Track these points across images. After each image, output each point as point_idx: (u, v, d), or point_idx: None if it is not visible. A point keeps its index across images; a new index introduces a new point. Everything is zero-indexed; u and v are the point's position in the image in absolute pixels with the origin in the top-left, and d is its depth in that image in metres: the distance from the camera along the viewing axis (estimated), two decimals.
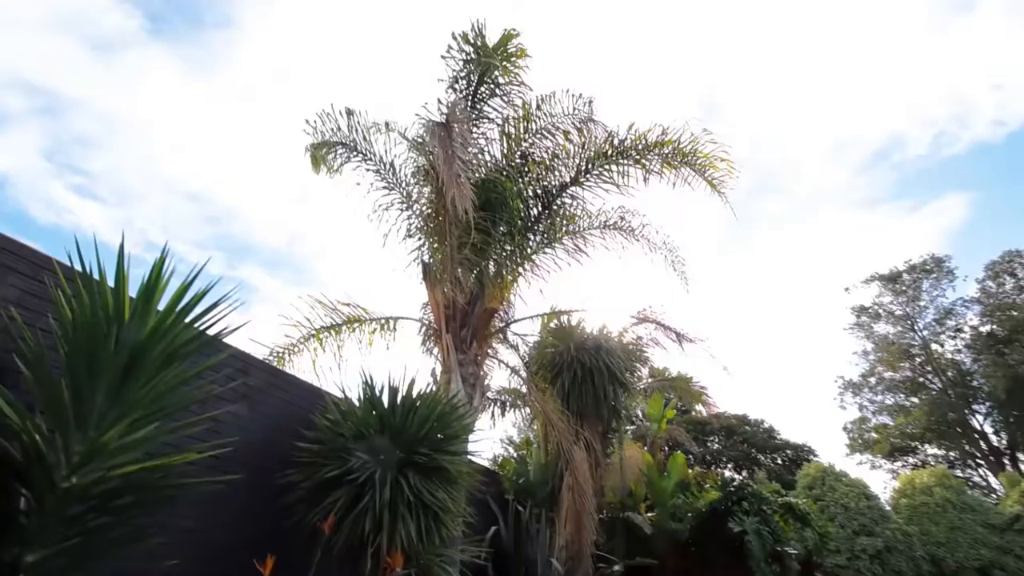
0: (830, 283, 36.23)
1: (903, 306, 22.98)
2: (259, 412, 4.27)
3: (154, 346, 2.53)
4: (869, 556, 12.22)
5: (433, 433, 4.39)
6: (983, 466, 19.57)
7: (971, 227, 29.14)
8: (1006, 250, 21.62)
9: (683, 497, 10.00)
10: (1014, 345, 18.18)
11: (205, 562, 3.27)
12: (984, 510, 13.21)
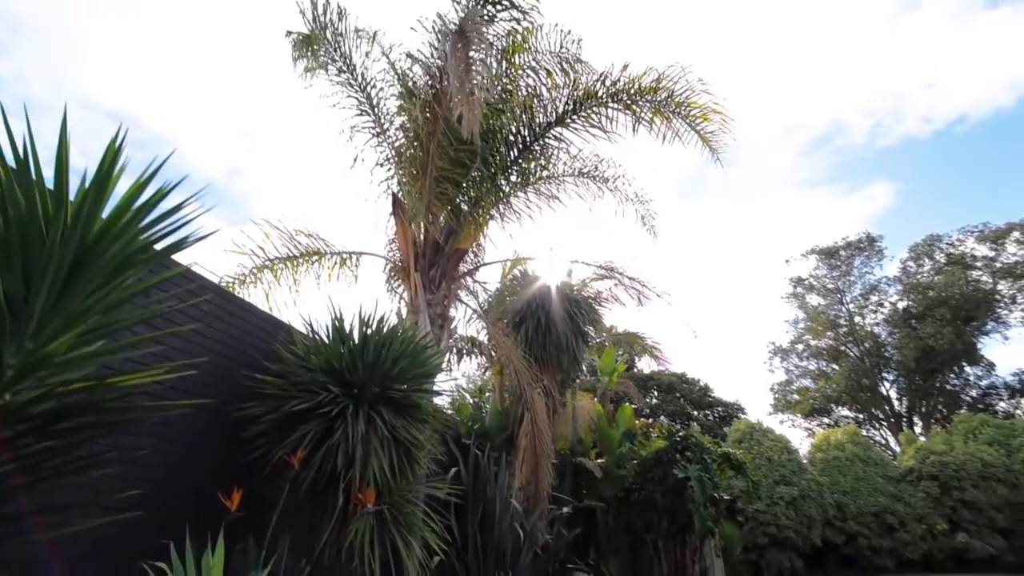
0: (771, 255, 38.22)
1: (835, 280, 24.59)
2: (213, 340, 3.90)
3: (105, 249, 2.13)
4: (785, 503, 13.48)
5: (407, 370, 4.19)
6: (884, 426, 21.86)
7: (894, 214, 31.36)
8: (928, 234, 23.42)
9: (630, 446, 10.43)
10: (926, 320, 19.99)
11: (160, 497, 2.98)
12: (884, 464, 14.79)
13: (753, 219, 33.75)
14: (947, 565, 12.53)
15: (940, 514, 13.20)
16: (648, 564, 9.41)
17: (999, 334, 20.24)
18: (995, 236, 21.41)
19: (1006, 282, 20.52)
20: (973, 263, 21.60)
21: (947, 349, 19.32)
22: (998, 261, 21.11)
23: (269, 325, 4.63)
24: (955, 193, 30.66)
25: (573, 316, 8.86)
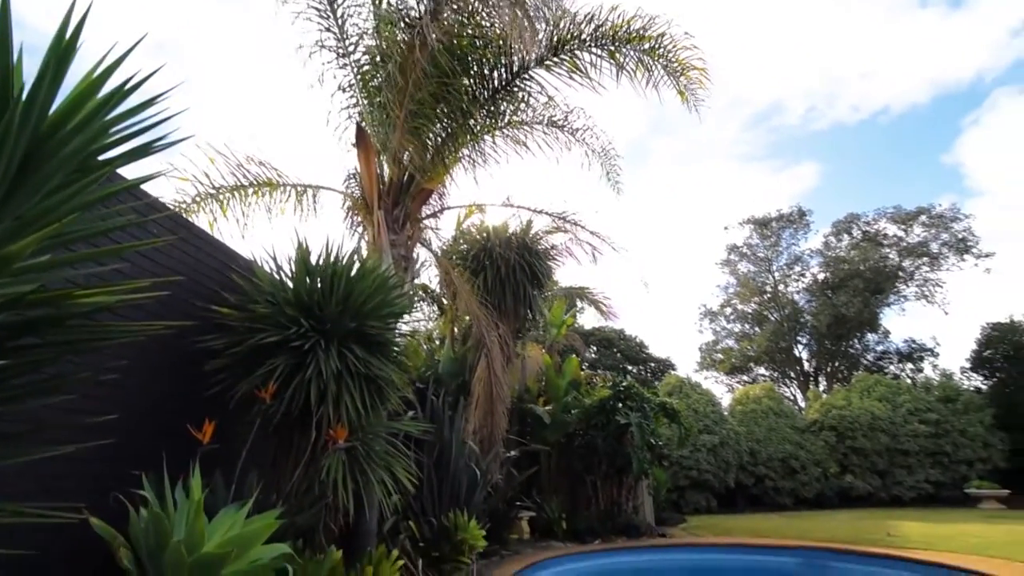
0: (709, 222, 39.91)
1: (766, 250, 26.20)
2: (164, 266, 3.58)
3: (62, 144, 1.85)
4: (707, 449, 14.71)
5: (380, 307, 4.06)
6: (795, 384, 24.20)
7: (817, 194, 33.56)
8: (848, 212, 25.34)
9: (575, 395, 10.87)
10: (840, 290, 21.94)
11: (125, 428, 2.76)
12: (792, 416, 16.42)
13: (694, 187, 34.92)
14: (834, 501, 14.35)
15: (834, 459, 14.97)
16: (586, 502, 10.06)
17: (898, 306, 22.68)
18: (905, 218, 23.51)
19: (909, 260, 22.77)
20: (884, 241, 23.70)
21: (855, 317, 21.40)
22: (905, 241, 23.29)
23: (223, 255, 4.30)
24: (873, 178, 33.10)
25: (532, 267, 8.90)
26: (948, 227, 22.20)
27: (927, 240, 22.64)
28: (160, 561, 1.94)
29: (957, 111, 30.49)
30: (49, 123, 1.82)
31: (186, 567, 1.89)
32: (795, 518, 11.63)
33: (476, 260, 8.57)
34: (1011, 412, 14.80)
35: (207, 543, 1.98)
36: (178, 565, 1.89)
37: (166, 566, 1.92)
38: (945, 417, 14.82)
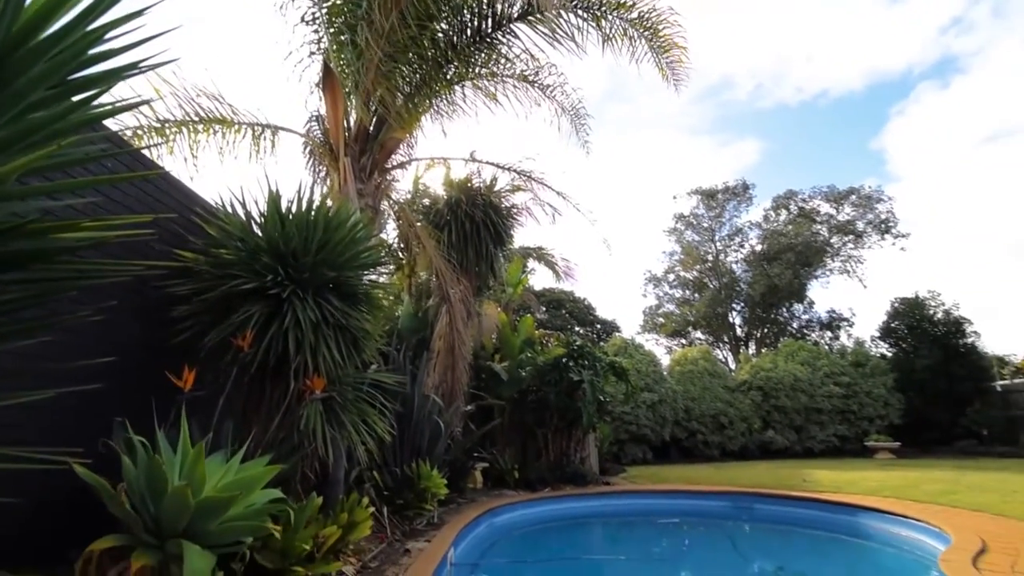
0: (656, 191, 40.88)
1: (710, 220, 27.31)
2: (121, 204, 3.32)
3: (38, 54, 1.67)
4: (647, 406, 15.62)
5: (356, 257, 3.98)
6: (728, 347, 25.93)
7: (757, 170, 35.15)
8: (787, 189, 26.76)
9: (529, 353, 11.15)
10: (775, 262, 23.40)
11: (86, 373, 2.60)
12: (725, 377, 17.66)
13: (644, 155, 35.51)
14: (756, 454, 15.78)
15: (758, 416, 16.36)
16: (537, 454, 10.52)
17: (824, 279, 24.53)
18: (837, 197, 25.14)
19: (837, 237, 24.52)
20: (817, 218, 25.30)
21: (785, 288, 23.00)
22: (835, 219, 24.99)
23: (183, 196, 4.03)
24: (809, 157, 34.92)
25: (496, 225, 8.88)
26: (873, 208, 23.97)
27: (854, 219, 24.37)
28: (159, 506, 1.90)
29: (886, 100, 32.46)
30: (20, 28, 1.62)
31: (190, 511, 1.87)
32: (723, 468, 12.74)
33: (441, 215, 8.42)
34: (908, 377, 16.66)
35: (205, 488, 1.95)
36: (181, 509, 1.86)
37: (166, 511, 1.88)
38: (855, 380, 16.47)
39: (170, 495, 1.85)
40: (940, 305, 17.93)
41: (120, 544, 1.92)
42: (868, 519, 6.25)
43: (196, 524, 1.94)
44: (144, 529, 1.90)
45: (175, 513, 1.89)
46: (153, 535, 1.92)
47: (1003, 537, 4.60)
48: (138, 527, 1.88)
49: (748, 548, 6.32)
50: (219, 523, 2.00)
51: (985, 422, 15.74)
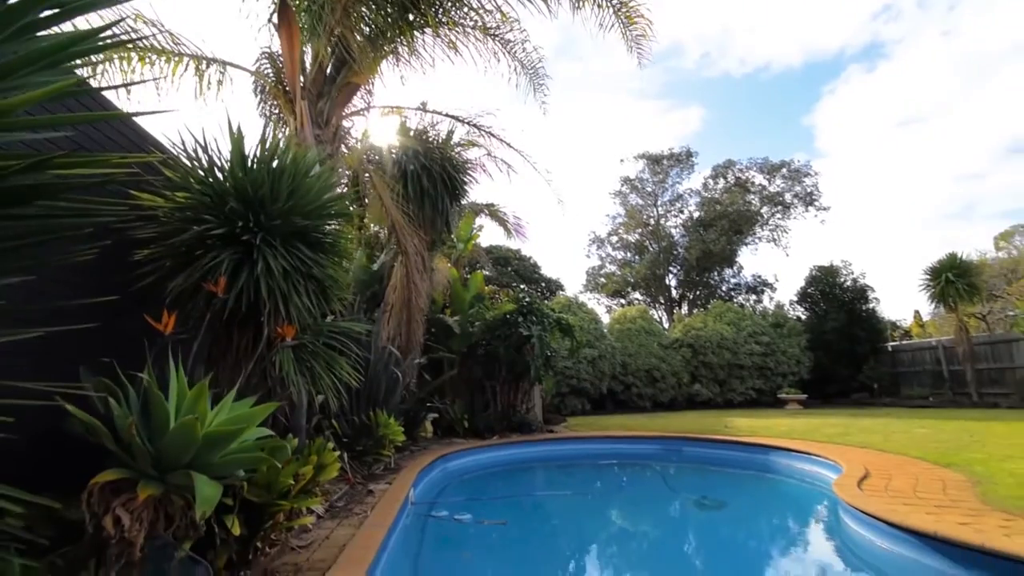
0: (602, 153, 41.43)
1: (654, 185, 28.18)
2: (72, 141, 3.12)
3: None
4: (588, 361, 16.47)
5: (326, 205, 3.95)
6: (663, 308, 27.46)
7: (697, 139, 36.47)
8: (726, 159, 28.00)
9: (478, 308, 11.39)
10: (711, 228, 24.72)
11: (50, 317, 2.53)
12: (659, 335, 18.82)
13: (591, 116, 35.70)
14: (683, 405, 17.19)
15: (687, 371, 17.69)
16: (485, 405, 10.96)
17: (752, 246, 26.26)
18: (770, 169, 26.62)
19: (767, 207, 26.14)
20: (751, 188, 26.75)
21: (719, 253, 24.44)
22: (767, 190, 26.53)
23: (135, 135, 3.80)
24: (749, 129, 36.52)
25: (453, 180, 8.83)
26: (801, 181, 25.63)
27: (783, 191, 26.00)
28: (160, 440, 1.97)
29: (820, 78, 34.28)
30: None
31: (197, 444, 1.96)
32: (654, 417, 13.83)
33: (398, 167, 8.26)
34: (818, 338, 18.51)
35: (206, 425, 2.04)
36: (188, 442, 1.95)
37: (170, 444, 1.96)
38: (773, 340, 18.09)
39: (177, 428, 1.92)
40: (850, 274, 19.84)
41: (120, 477, 1.98)
42: (778, 457, 7.16)
43: (200, 457, 2.03)
44: (146, 463, 1.98)
45: (180, 446, 1.97)
46: (155, 468, 2.00)
47: (881, 466, 5.48)
48: (145, 460, 1.95)
49: (677, 483, 7.09)
50: (221, 456, 2.10)
51: (876, 377, 17.91)
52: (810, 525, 5.26)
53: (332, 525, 3.82)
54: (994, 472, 4.97)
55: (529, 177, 10.36)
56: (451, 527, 4.82)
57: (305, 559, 3.08)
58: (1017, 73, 38.88)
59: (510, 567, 4.11)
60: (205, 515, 1.90)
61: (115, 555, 1.94)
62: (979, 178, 53.51)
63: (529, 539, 4.97)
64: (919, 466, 5.56)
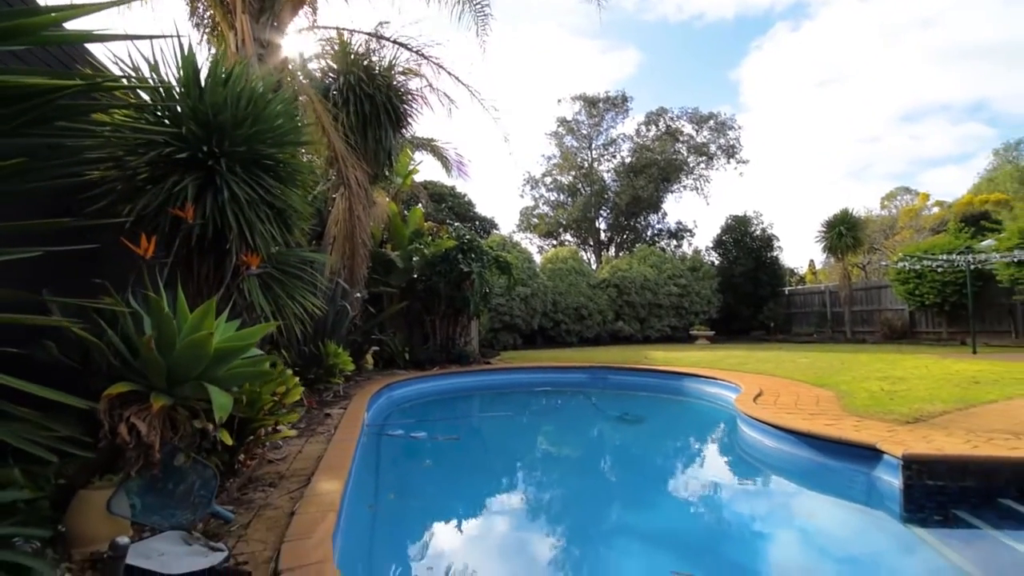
0: (540, 92, 40.78)
1: (590, 128, 28.45)
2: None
3: None
4: (520, 299, 17.15)
5: (287, 132, 3.90)
6: (592, 250, 28.64)
7: (633, 83, 36.88)
8: (659, 106, 28.70)
9: (417, 244, 11.44)
10: (642, 175, 25.68)
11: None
12: (588, 275, 19.83)
13: (526, 52, 34.78)
14: (607, 340, 18.58)
15: (612, 309, 18.97)
16: (424, 338, 11.30)
17: (677, 194, 27.70)
18: (699, 120, 27.71)
19: (694, 157, 27.43)
20: (680, 137, 27.81)
21: (647, 199, 25.60)
22: (694, 140, 27.72)
23: (59, 51, 3.48)
24: (681, 78, 37.37)
25: (396, 110, 8.57)
26: (725, 133, 26.99)
27: (709, 142, 27.29)
28: (170, 355, 2.11)
29: (749, 33, 35.37)
30: None
31: (208, 358, 2.12)
32: (581, 351, 14.91)
33: (340, 93, 7.88)
34: (728, 281, 20.41)
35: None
36: (199, 356, 2.11)
37: (180, 359, 2.11)
38: (690, 282, 19.71)
39: (190, 343, 2.06)
40: (760, 224, 21.71)
41: (129, 390, 2.12)
42: (689, 382, 8.22)
43: (208, 371, 2.19)
44: (158, 377, 2.12)
45: (191, 361, 2.11)
46: (166, 382, 2.14)
47: (772, 388, 6.55)
48: (158, 374, 2.09)
49: (603, 404, 7.97)
50: (225, 370, 2.27)
51: (773, 317, 20.24)
52: (715, 432, 6.25)
53: (300, 443, 4.08)
54: (854, 390, 6.13)
55: (468, 113, 10.22)
56: (409, 444, 5.24)
57: (286, 468, 3.36)
58: (917, 45, 42.15)
59: (465, 474, 4.62)
60: (222, 420, 2.10)
61: (134, 458, 2.11)
62: (876, 141, 58.85)
63: (479, 451, 5.53)
64: (801, 387, 6.70)
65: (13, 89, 1.73)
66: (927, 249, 14.63)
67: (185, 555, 2.01)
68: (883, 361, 9.23)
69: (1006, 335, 13.68)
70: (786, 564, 2.84)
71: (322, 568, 1.91)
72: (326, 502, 2.61)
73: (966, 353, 10.55)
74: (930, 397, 5.39)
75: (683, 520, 3.47)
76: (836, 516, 3.46)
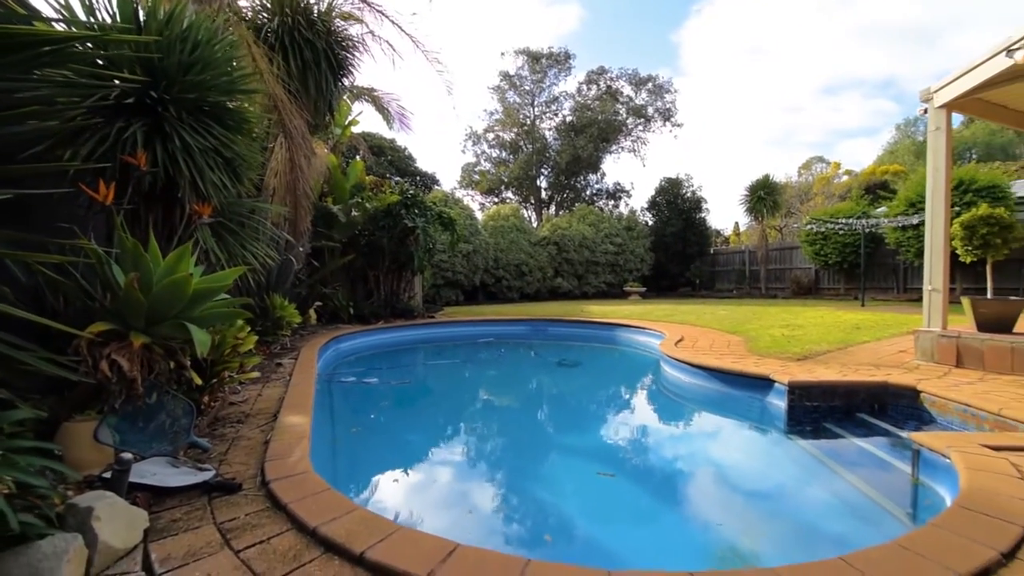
0: (482, 45, 39.57)
1: (532, 84, 28.21)
2: None
3: None
4: (463, 256, 17.35)
5: (238, 80, 3.86)
6: (533, 208, 29.00)
7: (575, 39, 36.68)
8: (599, 65, 28.87)
9: (359, 197, 11.27)
10: (582, 135, 26.05)
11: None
12: (530, 233, 20.27)
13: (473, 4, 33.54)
14: (546, 296, 19.29)
15: (552, 266, 19.62)
16: (368, 293, 11.33)
17: (616, 155, 28.42)
18: (638, 82, 28.20)
19: (632, 118, 28.07)
20: (619, 99, 28.25)
21: (587, 159, 26.11)
22: (633, 102, 28.27)
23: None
24: (623, 37, 37.50)
25: (337, 56, 8.26)
26: (663, 96, 27.72)
27: (647, 104, 27.95)
28: (147, 295, 2.24)
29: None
30: None
31: (187, 298, 2.26)
32: (522, 306, 15.48)
33: (276, 35, 7.50)
34: (660, 240, 21.58)
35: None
36: (177, 297, 2.25)
37: (158, 299, 2.24)
38: (625, 241, 20.65)
39: (170, 283, 2.18)
40: (691, 187, 22.88)
41: (108, 328, 2.23)
42: (621, 332, 8.93)
43: (186, 311, 2.33)
44: (137, 317, 2.23)
45: (169, 301, 2.24)
46: (144, 321, 2.27)
47: (693, 335, 7.33)
48: (138, 314, 2.21)
49: (543, 353, 8.53)
50: (201, 311, 2.41)
51: (699, 275, 21.73)
52: (642, 371, 6.96)
53: (258, 388, 4.23)
54: (760, 335, 7.01)
55: (410, 64, 9.98)
56: (362, 388, 5.49)
57: (249, 408, 3.54)
58: (842, 20, 44.28)
59: (419, 412, 4.97)
60: (203, 355, 2.28)
61: (117, 392, 2.26)
62: (799, 111, 62.18)
63: (431, 393, 5.90)
64: (717, 334, 7.53)
65: None
66: (832, 214, 16.20)
67: (175, 475, 2.22)
68: (788, 312, 10.41)
69: (891, 291, 15.64)
70: (694, 466, 3.44)
71: (306, 477, 2.20)
72: (297, 432, 2.87)
73: (856, 306, 12.07)
74: (819, 340, 6.31)
75: (611, 439, 4.03)
76: (736, 431, 4.15)
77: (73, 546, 1.44)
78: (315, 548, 1.66)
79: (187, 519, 1.88)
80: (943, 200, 4.87)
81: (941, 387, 3.70)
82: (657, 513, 2.72)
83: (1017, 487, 1.95)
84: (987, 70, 4.25)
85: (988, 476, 2.06)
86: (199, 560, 1.60)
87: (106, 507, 1.64)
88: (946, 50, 58.72)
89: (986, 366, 4.41)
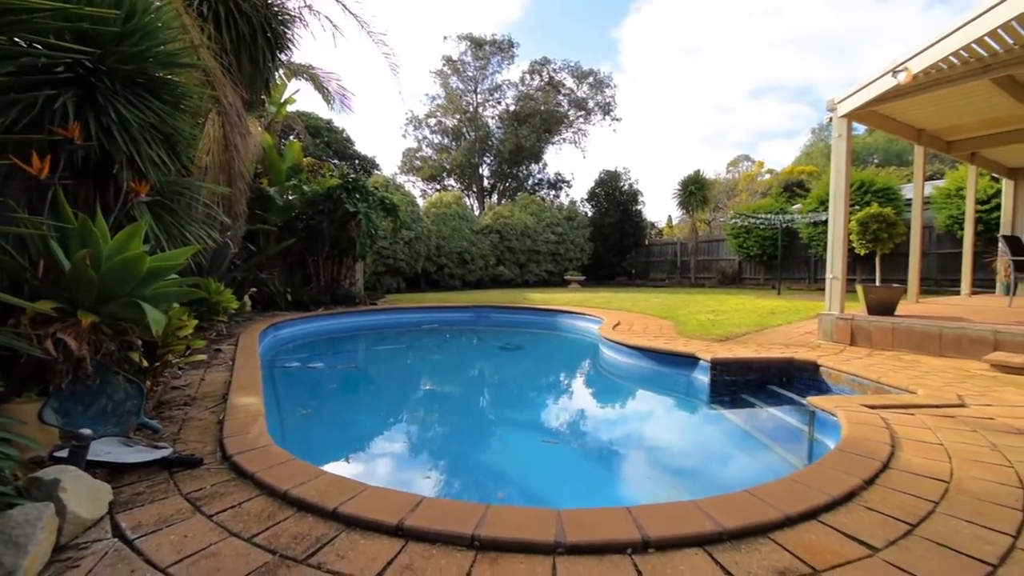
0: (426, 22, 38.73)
1: (475, 71, 28.06)
2: None
3: None
4: (404, 243, 17.18)
5: (178, 55, 3.72)
6: (475, 196, 28.99)
7: (518, 28, 36.87)
8: (543, 56, 29.20)
9: (295, 181, 10.90)
10: (525, 124, 26.29)
11: None
12: (472, 221, 20.34)
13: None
14: (488, 284, 19.50)
15: (494, 255, 19.83)
16: (306, 279, 11.02)
17: (557, 146, 28.94)
18: (580, 75, 28.79)
19: (573, 110, 28.66)
20: (562, 90, 28.74)
21: (529, 149, 26.42)
22: (575, 94, 28.85)
23: None
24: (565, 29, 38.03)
25: (275, 31, 7.92)
26: (603, 91, 28.47)
27: (587, 98, 28.62)
28: (100, 273, 2.21)
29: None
30: None
31: (139, 277, 2.25)
32: (465, 293, 15.60)
33: (210, 5, 7.09)
34: (599, 231, 22.34)
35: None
36: (129, 276, 2.22)
37: (108, 277, 2.22)
38: (566, 231, 21.21)
39: (122, 261, 2.15)
40: (628, 180, 23.79)
41: (54, 307, 2.18)
42: (561, 317, 9.31)
43: (137, 289, 2.30)
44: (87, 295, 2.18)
45: (120, 279, 2.21)
46: (93, 299, 2.22)
47: (628, 320, 7.81)
48: (88, 292, 2.16)
49: (486, 337, 8.75)
50: (152, 290, 2.38)
51: (635, 265, 22.75)
52: (581, 353, 7.34)
53: (200, 373, 4.14)
54: (688, 320, 7.59)
55: (350, 42, 9.73)
56: (307, 373, 5.45)
57: (194, 392, 3.49)
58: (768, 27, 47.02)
59: (367, 393, 5.03)
60: (158, 334, 2.28)
61: (63, 371, 2.22)
62: (728, 111, 65.68)
63: (377, 376, 5.94)
64: (650, 319, 8.05)
65: None
66: (755, 210, 17.50)
67: (131, 453, 2.23)
68: (714, 300, 11.24)
69: (803, 281, 17.17)
70: (629, 432, 3.79)
71: (268, 450, 2.28)
72: (251, 411, 2.90)
73: (773, 294, 13.20)
74: (739, 323, 6.95)
75: (554, 413, 4.32)
76: (665, 403, 4.58)
77: (45, 514, 1.48)
78: (288, 508, 1.77)
79: (151, 492, 1.92)
80: (843, 199, 5.52)
81: (836, 361, 4.28)
82: (596, 471, 3.01)
83: (882, 434, 2.39)
84: (878, 87, 4.86)
85: (862, 427, 2.49)
86: (172, 525, 1.66)
87: (72, 479, 1.67)
88: (857, 60, 64.24)
89: (873, 343, 5.09)
